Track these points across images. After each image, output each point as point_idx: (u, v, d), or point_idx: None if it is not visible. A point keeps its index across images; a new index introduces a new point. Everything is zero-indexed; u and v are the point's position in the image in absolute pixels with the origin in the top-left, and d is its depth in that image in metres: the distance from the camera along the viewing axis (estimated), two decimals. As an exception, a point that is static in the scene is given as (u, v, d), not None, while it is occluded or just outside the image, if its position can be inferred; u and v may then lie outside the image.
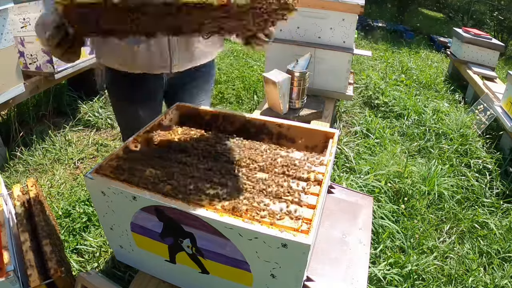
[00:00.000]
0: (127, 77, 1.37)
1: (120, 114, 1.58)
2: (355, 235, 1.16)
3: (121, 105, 1.52)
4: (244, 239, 0.82)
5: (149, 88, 1.45)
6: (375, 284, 1.80)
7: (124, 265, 1.54)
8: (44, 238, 1.37)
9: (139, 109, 1.47)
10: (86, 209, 2.12)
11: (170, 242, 0.97)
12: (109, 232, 1.07)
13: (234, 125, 1.29)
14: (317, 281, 0.98)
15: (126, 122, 1.56)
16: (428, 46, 7.13)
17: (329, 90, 2.71)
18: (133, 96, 1.45)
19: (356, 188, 2.29)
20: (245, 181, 0.97)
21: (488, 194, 2.60)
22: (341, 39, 2.57)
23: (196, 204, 0.87)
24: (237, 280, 0.93)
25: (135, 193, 0.90)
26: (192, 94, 1.55)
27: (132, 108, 1.47)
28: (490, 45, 4.42)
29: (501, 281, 1.91)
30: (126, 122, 1.56)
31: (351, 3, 2.43)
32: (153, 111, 1.49)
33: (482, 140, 3.19)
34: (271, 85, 2.20)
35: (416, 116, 3.61)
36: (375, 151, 2.95)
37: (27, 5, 2.57)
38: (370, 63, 5.28)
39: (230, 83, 4.14)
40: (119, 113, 1.58)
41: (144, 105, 1.47)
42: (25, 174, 2.52)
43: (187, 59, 1.38)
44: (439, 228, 2.28)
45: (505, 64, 6.80)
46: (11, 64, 2.38)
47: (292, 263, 0.82)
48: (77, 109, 3.28)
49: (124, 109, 1.51)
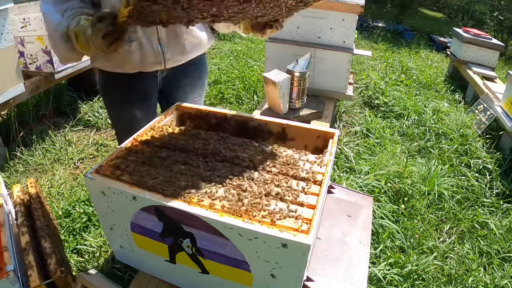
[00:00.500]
0: (122, 78, 1.37)
1: (116, 115, 1.56)
2: (355, 235, 1.16)
3: (117, 106, 1.51)
4: (244, 239, 0.82)
5: (144, 88, 1.45)
6: (375, 284, 1.80)
7: (124, 265, 1.54)
8: (44, 238, 1.37)
9: (136, 109, 1.46)
10: (86, 209, 2.12)
11: (170, 242, 0.97)
12: (109, 232, 1.08)
13: (234, 125, 1.29)
14: (317, 281, 0.98)
15: (123, 123, 1.54)
16: (428, 46, 7.13)
17: (329, 90, 2.71)
18: (129, 97, 1.44)
19: (356, 188, 2.29)
20: (245, 181, 0.97)
21: (488, 194, 2.60)
22: (341, 39, 2.57)
23: (196, 204, 0.87)
24: (237, 280, 0.93)
25: (135, 193, 0.90)
26: (186, 91, 1.56)
27: (128, 109, 1.46)
28: (490, 45, 4.42)
29: (501, 281, 1.91)
30: (123, 123, 1.54)
31: (351, 3, 2.43)
32: (148, 111, 1.50)
33: (482, 140, 3.19)
34: (271, 85, 2.20)
35: (416, 116, 3.61)
36: (375, 151, 2.95)
37: (27, 5, 2.57)
38: (370, 63, 5.28)
39: (230, 83, 4.14)
40: (115, 114, 1.56)
41: (140, 105, 1.47)
42: (25, 174, 2.52)
43: (178, 52, 1.39)
44: (439, 228, 2.28)
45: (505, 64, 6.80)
46: (11, 64, 2.38)
47: (292, 263, 0.82)
48: (77, 109, 3.28)
49: (120, 110, 1.50)
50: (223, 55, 5.15)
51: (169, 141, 1.15)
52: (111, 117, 1.62)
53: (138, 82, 1.41)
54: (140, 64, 1.34)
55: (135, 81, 1.40)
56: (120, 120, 1.56)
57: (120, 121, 1.55)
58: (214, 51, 5.34)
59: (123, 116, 1.50)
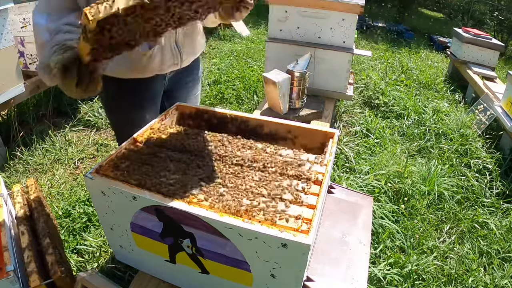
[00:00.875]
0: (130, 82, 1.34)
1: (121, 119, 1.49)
2: (355, 235, 1.16)
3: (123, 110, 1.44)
4: (244, 239, 0.82)
5: (154, 90, 1.44)
6: (375, 284, 1.80)
7: (124, 265, 1.54)
8: (44, 238, 1.37)
9: (146, 112, 1.43)
10: (86, 209, 2.12)
11: (170, 242, 0.97)
12: (109, 232, 1.08)
13: (234, 125, 1.29)
14: (317, 281, 0.98)
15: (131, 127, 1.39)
16: (428, 46, 7.13)
17: (329, 90, 2.71)
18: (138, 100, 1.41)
19: (356, 188, 2.29)
20: (245, 181, 0.97)
21: (488, 194, 2.60)
22: (341, 39, 2.57)
23: (196, 204, 0.87)
24: (237, 280, 0.93)
25: (135, 193, 0.90)
26: (188, 88, 1.56)
27: (138, 113, 1.42)
28: (490, 45, 4.42)
29: (501, 281, 1.91)
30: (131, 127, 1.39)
31: (351, 3, 2.43)
32: (155, 113, 1.48)
33: (482, 140, 3.19)
34: (271, 85, 2.20)
35: (416, 116, 3.61)
36: (375, 151, 2.95)
37: (27, 5, 2.57)
38: (370, 63, 5.28)
39: (230, 83, 4.14)
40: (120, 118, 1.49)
41: (150, 108, 1.45)
42: (25, 174, 2.52)
43: (191, 52, 1.41)
44: (439, 228, 2.28)
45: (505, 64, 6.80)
46: (11, 64, 2.38)
47: (292, 263, 0.82)
48: (77, 109, 3.28)
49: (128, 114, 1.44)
50: (223, 55, 5.15)
51: (169, 141, 1.15)
52: (115, 121, 1.54)
53: (150, 85, 1.39)
54: (159, 67, 1.33)
55: (147, 85, 1.38)
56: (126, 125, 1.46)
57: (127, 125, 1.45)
58: (214, 51, 5.34)
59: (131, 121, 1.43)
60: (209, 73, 4.35)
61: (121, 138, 1.56)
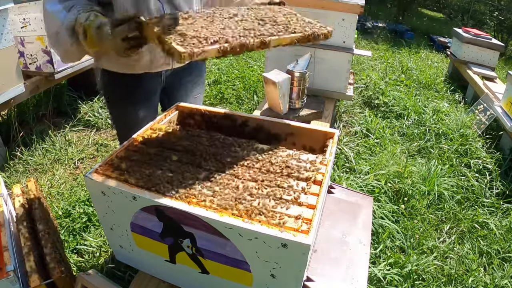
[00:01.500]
0: (126, 78, 1.37)
1: (118, 115, 1.55)
2: (355, 235, 1.16)
3: (119, 106, 1.50)
4: (244, 239, 0.82)
5: (148, 88, 1.45)
6: (375, 284, 1.80)
7: (124, 265, 1.54)
8: (44, 238, 1.37)
9: (138, 109, 1.46)
10: (86, 209, 2.12)
11: (170, 242, 0.97)
12: (109, 232, 1.07)
13: (234, 125, 1.29)
14: (317, 281, 0.98)
15: (124, 123, 1.53)
16: (428, 46, 7.13)
17: (329, 90, 2.71)
18: (133, 97, 1.44)
19: (356, 188, 2.29)
20: (245, 181, 0.97)
21: (488, 194, 2.60)
22: (341, 39, 2.56)
23: (196, 204, 0.87)
24: (237, 280, 0.93)
25: (135, 193, 0.90)
26: (187, 88, 1.57)
27: (131, 109, 1.46)
28: (490, 45, 4.42)
29: (501, 281, 1.91)
30: (124, 123, 1.53)
31: (351, 3, 2.43)
32: (150, 111, 1.50)
33: (482, 140, 3.19)
34: (271, 85, 2.20)
35: (416, 116, 3.61)
36: (375, 151, 2.95)
37: (27, 5, 2.57)
38: (370, 63, 5.28)
39: (230, 83, 4.14)
40: (117, 114, 1.55)
41: (143, 105, 1.47)
42: (25, 174, 2.52)
43: None
44: (439, 228, 2.28)
45: (505, 64, 6.81)
46: (11, 64, 2.38)
47: (292, 263, 0.82)
48: (77, 109, 3.28)
49: (123, 110, 1.50)
50: (223, 55, 5.14)
51: (169, 141, 1.15)
52: (113, 117, 1.61)
53: (142, 82, 1.41)
54: (149, 65, 1.35)
55: (139, 81, 1.40)
56: (121, 120, 1.55)
57: (122, 120, 1.55)
58: (214, 51, 5.33)
59: (125, 116, 1.50)
60: (209, 73, 4.35)
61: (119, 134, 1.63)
